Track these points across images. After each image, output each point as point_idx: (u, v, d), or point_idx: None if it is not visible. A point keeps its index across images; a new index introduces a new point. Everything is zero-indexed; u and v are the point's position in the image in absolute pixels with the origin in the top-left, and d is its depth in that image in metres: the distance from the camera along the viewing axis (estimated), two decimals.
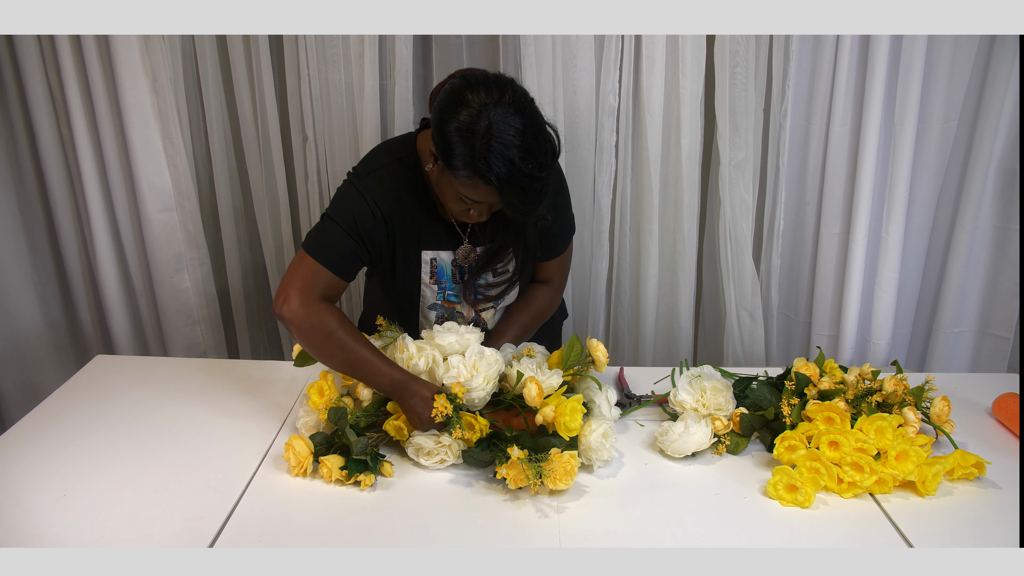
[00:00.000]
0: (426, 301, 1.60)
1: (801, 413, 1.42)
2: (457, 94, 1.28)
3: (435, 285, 1.58)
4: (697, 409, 1.46)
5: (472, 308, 1.63)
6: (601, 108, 1.94)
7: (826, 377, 1.48)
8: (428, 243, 1.53)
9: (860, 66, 1.83)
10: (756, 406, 1.48)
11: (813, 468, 1.29)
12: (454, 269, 1.57)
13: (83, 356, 2.39)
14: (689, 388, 1.49)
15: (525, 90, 1.32)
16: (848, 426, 1.34)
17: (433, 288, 1.58)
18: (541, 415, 1.33)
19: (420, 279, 1.57)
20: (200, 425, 1.52)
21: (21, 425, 1.52)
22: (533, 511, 1.26)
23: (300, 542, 1.19)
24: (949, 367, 2.11)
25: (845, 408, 1.38)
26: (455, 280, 1.58)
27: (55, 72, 2.02)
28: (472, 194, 1.33)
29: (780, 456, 1.35)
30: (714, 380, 1.50)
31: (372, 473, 1.32)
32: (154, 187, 2.05)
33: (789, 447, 1.35)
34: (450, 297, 1.60)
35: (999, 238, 1.99)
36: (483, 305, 1.63)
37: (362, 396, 1.41)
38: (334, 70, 1.98)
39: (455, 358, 1.40)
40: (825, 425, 1.35)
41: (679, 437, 1.37)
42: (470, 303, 1.61)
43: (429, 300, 1.60)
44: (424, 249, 1.54)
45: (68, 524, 1.23)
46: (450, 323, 1.49)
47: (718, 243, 2.05)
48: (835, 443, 1.32)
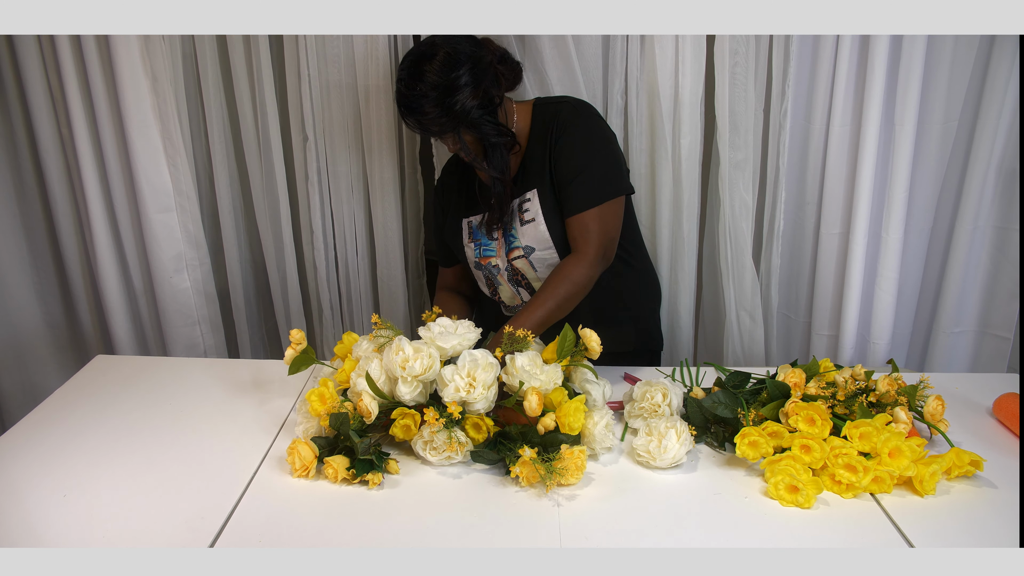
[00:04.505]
0: (470, 261, 1.77)
1: (779, 411, 1.42)
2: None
3: (472, 243, 1.74)
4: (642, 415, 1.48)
5: (506, 257, 1.69)
6: (610, 108, 1.94)
7: (813, 383, 1.47)
8: (468, 211, 1.76)
9: (860, 66, 1.83)
10: (714, 415, 1.45)
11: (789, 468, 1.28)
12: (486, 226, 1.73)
13: (83, 356, 2.39)
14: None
15: (463, 38, 1.55)
16: (827, 431, 1.33)
17: (471, 247, 1.74)
18: (542, 424, 1.33)
19: (462, 242, 1.76)
20: (200, 425, 1.52)
21: (21, 425, 1.52)
22: (537, 509, 1.26)
23: (301, 542, 1.19)
24: (949, 367, 2.11)
25: (827, 409, 1.37)
26: (491, 236, 1.72)
27: (55, 72, 2.02)
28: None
29: (744, 454, 1.34)
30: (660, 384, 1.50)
31: (379, 471, 1.32)
32: (154, 187, 2.05)
33: (752, 443, 1.33)
34: (485, 252, 1.73)
35: (999, 238, 1.99)
36: (515, 252, 1.69)
37: (369, 411, 1.35)
38: (334, 70, 1.99)
39: (448, 370, 1.35)
40: (805, 425, 1.34)
41: (658, 457, 1.36)
42: (503, 252, 1.71)
43: (472, 259, 1.76)
44: (464, 217, 1.76)
45: (68, 524, 1.23)
46: (444, 320, 1.44)
47: (718, 243, 2.05)
48: (807, 447, 1.31)
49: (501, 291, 1.77)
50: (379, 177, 2.08)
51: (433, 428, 1.34)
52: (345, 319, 2.31)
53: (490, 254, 1.72)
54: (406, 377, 1.35)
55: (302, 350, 1.52)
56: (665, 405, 1.46)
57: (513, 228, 1.68)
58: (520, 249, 1.68)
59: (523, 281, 1.72)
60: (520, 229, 1.67)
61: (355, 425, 1.35)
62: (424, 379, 1.37)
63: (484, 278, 1.77)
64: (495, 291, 1.78)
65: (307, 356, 1.53)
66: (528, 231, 1.66)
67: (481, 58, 1.54)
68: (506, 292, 1.76)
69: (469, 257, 1.76)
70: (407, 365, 1.35)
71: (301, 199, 2.19)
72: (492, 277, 1.75)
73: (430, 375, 1.36)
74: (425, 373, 1.34)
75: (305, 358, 1.53)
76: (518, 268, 1.70)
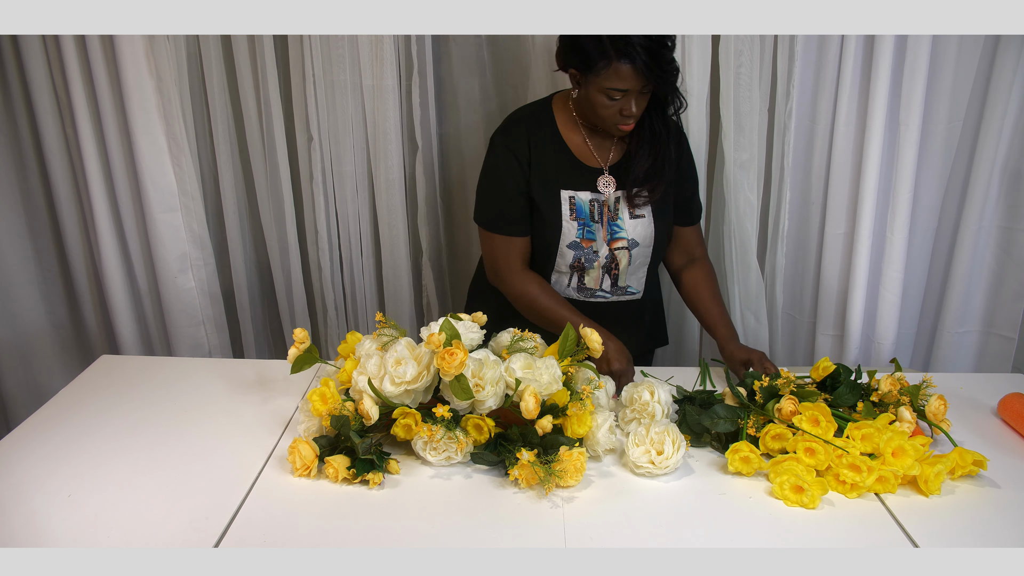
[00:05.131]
0: (567, 238, 1.70)
1: (775, 408, 1.40)
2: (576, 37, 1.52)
3: (575, 221, 1.69)
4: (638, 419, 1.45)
5: (608, 246, 1.70)
6: None
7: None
8: (567, 183, 1.69)
9: (865, 66, 1.83)
10: (708, 428, 1.44)
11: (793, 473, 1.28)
12: (592, 207, 1.69)
13: (88, 356, 2.39)
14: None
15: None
16: (831, 432, 1.32)
17: (573, 224, 1.69)
18: (539, 426, 1.33)
19: (561, 215, 1.69)
20: (205, 425, 1.52)
21: (26, 425, 1.52)
22: (539, 509, 1.26)
23: (305, 542, 1.19)
24: (954, 367, 2.11)
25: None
26: (593, 219, 1.69)
27: (60, 72, 2.02)
28: (616, 81, 1.49)
29: (738, 470, 1.33)
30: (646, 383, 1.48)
31: (379, 471, 1.32)
32: (159, 187, 2.06)
33: (744, 459, 1.32)
34: (588, 235, 1.70)
35: (1004, 238, 1.98)
36: (618, 243, 1.70)
37: (369, 414, 1.34)
38: (339, 70, 1.99)
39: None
40: (810, 425, 1.34)
41: (659, 466, 1.34)
42: (606, 240, 1.70)
43: (569, 237, 1.70)
44: (563, 188, 1.68)
45: (73, 524, 1.23)
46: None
47: (723, 243, 2.05)
48: (811, 450, 1.31)
49: (589, 274, 1.75)
50: (384, 177, 2.08)
51: (428, 439, 1.35)
52: (349, 319, 2.31)
53: (591, 237, 1.70)
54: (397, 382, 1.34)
55: (305, 349, 1.52)
56: (655, 403, 1.44)
57: (620, 218, 1.70)
58: (625, 240, 1.71)
59: (614, 272, 1.74)
60: (628, 222, 1.70)
61: (356, 426, 1.35)
62: (415, 388, 1.36)
63: (574, 258, 1.72)
64: (582, 273, 1.75)
65: (310, 355, 1.53)
66: (637, 225, 1.70)
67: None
68: (594, 277, 1.75)
69: (567, 233, 1.70)
70: (399, 369, 1.34)
71: (306, 199, 2.19)
72: (586, 260, 1.72)
73: (422, 383, 1.36)
74: (417, 382, 1.34)
75: (308, 357, 1.53)
76: (617, 258, 1.72)
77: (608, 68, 1.48)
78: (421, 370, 1.34)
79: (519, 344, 1.45)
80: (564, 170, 1.68)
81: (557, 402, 1.36)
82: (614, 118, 1.56)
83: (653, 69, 1.48)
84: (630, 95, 1.52)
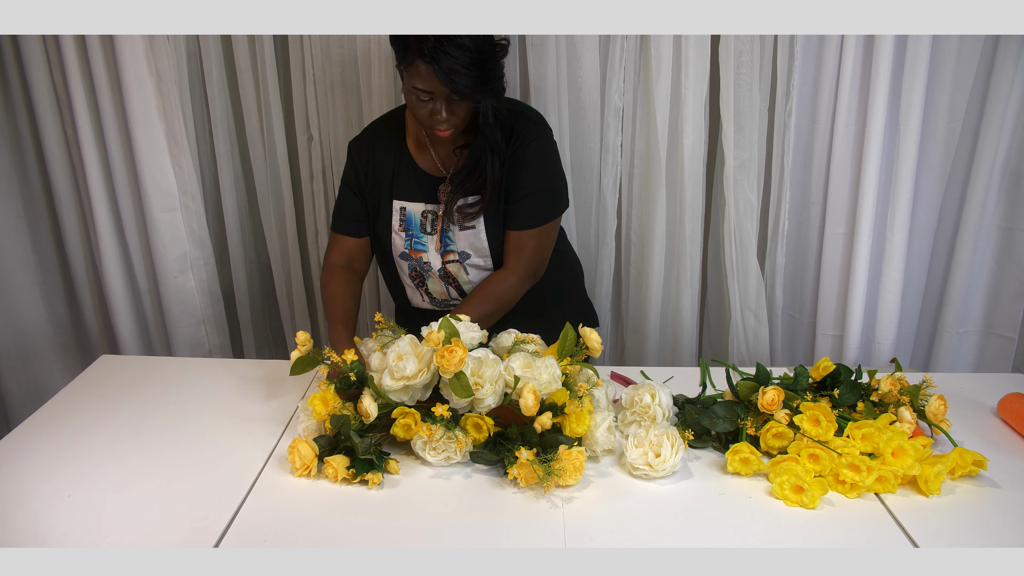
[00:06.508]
0: (396, 249, 1.69)
1: (758, 398, 1.40)
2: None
3: (403, 232, 1.67)
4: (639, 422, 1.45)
5: (440, 258, 1.66)
6: (606, 108, 1.94)
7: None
8: (400, 193, 1.66)
9: (864, 66, 1.83)
10: (708, 428, 1.44)
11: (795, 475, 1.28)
12: (423, 220, 1.65)
13: (88, 356, 2.39)
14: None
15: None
16: (831, 432, 1.32)
17: (402, 235, 1.67)
18: (538, 423, 1.33)
19: (391, 226, 1.67)
20: (205, 425, 1.52)
21: (26, 425, 1.52)
22: (538, 509, 1.26)
23: (306, 542, 1.19)
24: (953, 367, 2.11)
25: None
26: (423, 230, 1.66)
27: (60, 72, 2.02)
28: (417, 81, 1.44)
29: (737, 471, 1.33)
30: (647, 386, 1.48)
31: (379, 471, 1.32)
32: (159, 187, 2.06)
33: (743, 460, 1.33)
34: (417, 246, 1.67)
35: (1004, 238, 1.98)
36: (450, 256, 1.65)
37: (368, 412, 1.35)
38: (339, 70, 1.99)
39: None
40: (810, 425, 1.34)
41: (657, 468, 1.33)
42: (439, 251, 1.65)
43: (399, 248, 1.68)
44: (395, 199, 1.66)
45: (73, 524, 1.23)
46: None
47: (723, 243, 2.05)
48: (815, 456, 1.31)
49: (430, 284, 1.72)
50: None
51: (428, 438, 1.35)
52: None
53: (421, 248, 1.66)
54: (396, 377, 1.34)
55: (307, 351, 1.52)
56: (655, 405, 1.44)
57: (451, 230, 1.65)
58: (455, 253, 1.66)
59: (454, 283, 1.70)
60: (459, 233, 1.64)
61: (356, 426, 1.35)
62: (414, 384, 1.36)
63: (409, 268, 1.70)
64: (422, 283, 1.72)
65: (311, 358, 1.53)
66: (466, 237, 1.64)
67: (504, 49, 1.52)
68: (436, 287, 1.72)
69: (396, 245, 1.68)
70: (399, 364, 1.34)
71: (306, 198, 2.19)
72: (422, 270, 1.70)
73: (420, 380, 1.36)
74: (416, 379, 1.35)
75: (310, 359, 1.53)
76: (451, 272, 1.68)
77: (412, 66, 1.43)
78: (421, 367, 1.34)
79: (520, 347, 1.45)
80: (401, 178, 1.65)
81: (556, 401, 1.36)
82: (428, 121, 1.50)
83: (449, 73, 1.40)
84: (438, 98, 1.46)
